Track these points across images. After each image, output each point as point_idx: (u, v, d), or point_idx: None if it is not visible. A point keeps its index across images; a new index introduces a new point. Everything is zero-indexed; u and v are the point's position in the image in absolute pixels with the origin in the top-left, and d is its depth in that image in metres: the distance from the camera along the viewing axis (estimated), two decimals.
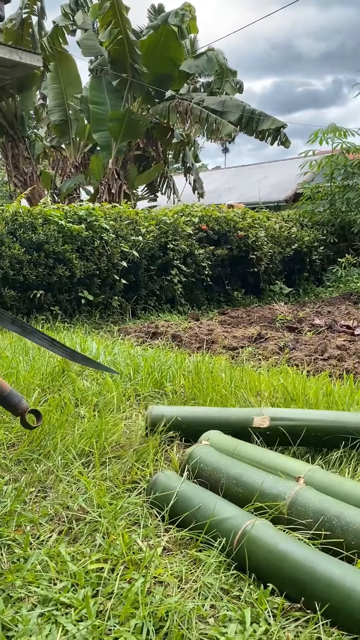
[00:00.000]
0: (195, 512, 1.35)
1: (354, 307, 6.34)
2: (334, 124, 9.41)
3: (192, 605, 1.09)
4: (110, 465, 1.66)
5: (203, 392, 2.45)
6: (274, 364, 3.40)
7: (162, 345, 4.01)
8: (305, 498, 1.37)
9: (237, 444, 1.72)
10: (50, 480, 1.61)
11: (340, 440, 1.81)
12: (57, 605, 1.09)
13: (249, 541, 1.22)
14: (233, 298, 7.52)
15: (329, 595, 1.07)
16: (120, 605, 1.09)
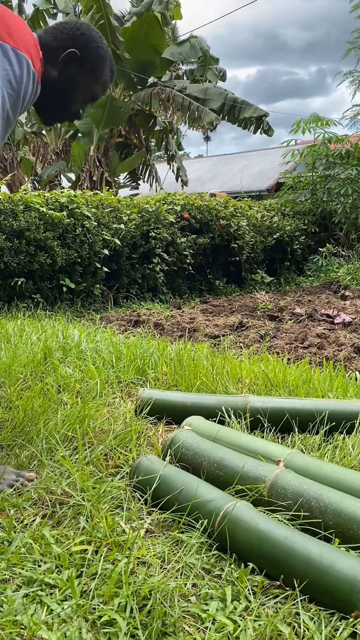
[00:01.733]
0: (177, 495, 1.38)
1: (334, 296, 6.42)
2: (316, 113, 9.46)
3: (175, 584, 1.12)
4: (94, 450, 1.68)
5: (185, 379, 2.47)
6: (255, 351, 3.44)
7: (145, 333, 4.03)
8: (285, 481, 1.40)
9: (218, 428, 1.75)
10: (33, 465, 1.62)
11: (320, 425, 1.86)
12: (41, 586, 1.10)
13: (230, 522, 1.25)
14: (215, 287, 7.55)
15: (307, 573, 1.10)
16: (104, 585, 1.11)
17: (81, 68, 1.53)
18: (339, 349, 3.61)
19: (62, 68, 1.50)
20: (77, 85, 1.55)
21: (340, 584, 1.07)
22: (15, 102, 1.33)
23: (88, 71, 1.54)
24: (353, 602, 1.04)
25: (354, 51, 11.17)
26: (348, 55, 11.34)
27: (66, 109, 1.60)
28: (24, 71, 1.33)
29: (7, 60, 1.29)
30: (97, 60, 1.54)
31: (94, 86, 1.58)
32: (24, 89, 1.34)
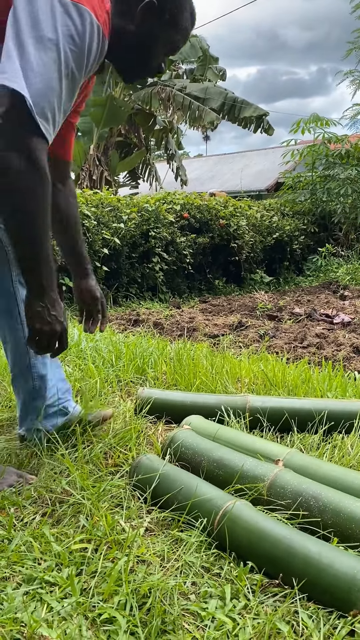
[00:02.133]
0: (177, 494, 1.38)
1: (333, 296, 6.43)
2: (316, 113, 9.46)
3: (174, 582, 1.12)
4: (93, 449, 1.68)
5: (184, 378, 2.48)
6: (254, 351, 3.45)
7: (144, 332, 4.03)
8: (284, 480, 1.41)
9: (218, 428, 1.75)
10: (33, 463, 1.63)
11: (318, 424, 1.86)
12: (41, 584, 1.11)
13: (230, 521, 1.26)
14: (214, 286, 7.56)
15: (305, 572, 1.11)
16: (104, 583, 1.11)
17: (160, 18, 1.41)
18: (338, 348, 3.62)
19: (140, 20, 1.40)
20: (157, 36, 1.44)
21: (339, 583, 1.07)
22: (79, 58, 1.22)
23: (167, 20, 1.43)
24: (352, 601, 1.05)
25: (354, 51, 11.18)
26: (349, 55, 11.35)
27: (147, 63, 1.49)
28: (86, 26, 1.21)
29: (67, 16, 1.18)
30: (176, 8, 1.42)
31: (174, 36, 1.47)
32: (87, 44, 1.22)
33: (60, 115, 1.22)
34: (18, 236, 1.26)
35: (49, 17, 1.16)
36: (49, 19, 1.16)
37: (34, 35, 1.15)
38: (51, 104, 1.17)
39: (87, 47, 1.22)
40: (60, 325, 1.38)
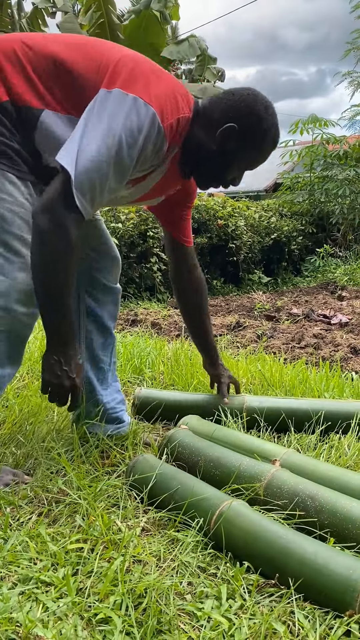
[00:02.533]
0: (173, 494, 1.38)
1: (331, 297, 6.43)
2: (315, 114, 9.46)
3: (170, 582, 1.12)
4: (90, 448, 1.68)
5: (182, 378, 2.48)
6: (252, 351, 3.45)
7: (142, 332, 4.03)
8: (280, 480, 1.40)
9: (215, 427, 1.75)
10: (30, 463, 1.63)
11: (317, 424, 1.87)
12: (37, 584, 1.11)
13: (226, 521, 1.25)
14: (212, 287, 7.56)
15: (301, 572, 1.11)
16: (100, 583, 1.11)
17: (240, 142, 1.48)
18: (335, 349, 3.62)
19: (220, 141, 1.47)
20: (235, 157, 1.51)
21: (335, 583, 1.07)
22: (131, 149, 1.32)
23: (247, 145, 1.49)
24: (347, 601, 1.05)
25: (353, 52, 11.18)
26: (347, 55, 11.36)
27: (221, 177, 1.57)
28: (148, 125, 1.32)
29: (134, 112, 1.31)
30: (257, 132, 1.47)
31: (254, 157, 1.54)
32: (143, 141, 1.33)
33: (103, 194, 1.34)
34: (41, 290, 1.36)
35: (118, 109, 1.30)
36: (118, 111, 1.30)
37: (99, 121, 1.30)
38: (93, 183, 1.30)
39: (142, 142, 1.33)
40: (70, 382, 1.42)
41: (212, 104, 1.50)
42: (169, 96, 1.38)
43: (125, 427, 1.81)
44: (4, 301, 1.35)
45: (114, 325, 1.79)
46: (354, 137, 10.21)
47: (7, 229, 1.36)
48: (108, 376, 1.80)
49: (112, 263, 1.74)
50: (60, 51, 1.39)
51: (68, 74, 1.38)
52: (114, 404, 1.80)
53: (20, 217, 1.37)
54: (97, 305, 1.73)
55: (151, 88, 1.35)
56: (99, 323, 1.75)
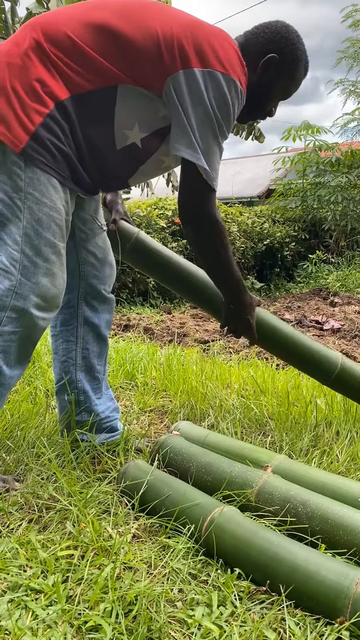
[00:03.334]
0: (164, 500, 1.38)
1: (323, 303, 6.45)
2: (307, 121, 9.53)
3: (161, 589, 1.11)
4: (81, 455, 1.67)
5: (174, 383, 2.48)
6: (244, 357, 3.45)
7: (134, 337, 4.03)
8: (272, 486, 1.40)
9: (207, 433, 1.75)
10: (20, 469, 1.61)
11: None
12: (27, 591, 1.10)
13: (217, 528, 1.25)
14: None
15: (293, 578, 1.11)
16: (90, 590, 1.10)
17: (278, 71, 1.57)
18: None
19: (262, 73, 1.56)
20: (274, 88, 1.60)
21: (326, 590, 1.07)
22: (227, 119, 1.44)
23: (285, 74, 1.59)
24: (338, 608, 1.05)
25: (344, 60, 11.28)
26: (339, 64, 11.45)
27: (262, 110, 1.65)
28: (233, 94, 1.42)
29: (219, 87, 1.40)
30: (294, 62, 1.58)
31: (290, 86, 1.63)
32: (233, 108, 1.45)
33: (219, 164, 1.50)
34: (216, 269, 1.63)
35: (205, 90, 1.39)
36: (205, 92, 1.39)
37: (195, 109, 1.40)
38: (215, 163, 1.46)
39: (233, 110, 1.45)
40: (245, 323, 1.74)
41: (249, 40, 1.57)
42: (235, 56, 1.46)
43: (118, 436, 1.81)
44: (22, 303, 1.36)
45: (108, 334, 1.80)
46: (346, 144, 10.28)
47: (42, 234, 1.37)
48: (102, 385, 1.80)
49: (110, 273, 1.76)
50: (108, 19, 1.39)
51: (123, 44, 1.38)
52: (108, 413, 1.80)
53: (56, 223, 1.39)
54: (95, 314, 1.74)
55: (221, 55, 1.41)
56: (96, 332, 1.75)
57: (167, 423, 2.14)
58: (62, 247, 1.43)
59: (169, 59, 1.38)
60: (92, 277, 1.71)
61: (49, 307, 1.42)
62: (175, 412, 2.21)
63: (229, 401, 2.30)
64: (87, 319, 1.73)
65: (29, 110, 1.32)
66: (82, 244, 1.67)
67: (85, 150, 1.43)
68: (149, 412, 2.25)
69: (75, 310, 1.72)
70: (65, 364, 1.75)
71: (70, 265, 1.66)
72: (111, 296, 1.78)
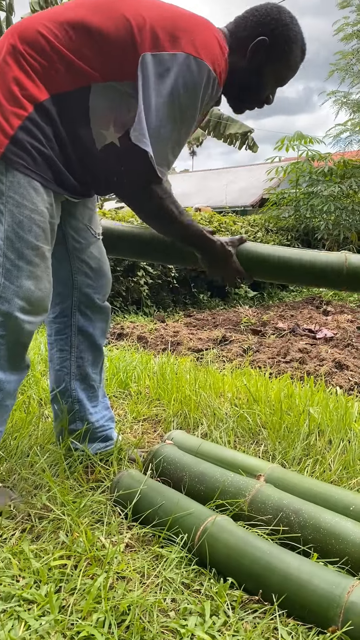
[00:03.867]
0: (158, 510, 1.38)
1: (316, 312, 6.49)
2: (300, 132, 9.62)
3: (154, 599, 1.11)
4: (74, 464, 1.67)
5: (167, 392, 2.48)
6: (237, 365, 3.46)
7: (128, 346, 4.03)
8: (265, 495, 1.41)
9: (200, 442, 1.75)
10: (13, 479, 1.61)
11: None
12: (19, 602, 1.09)
13: (210, 537, 1.25)
14: (199, 300, 7.58)
15: (285, 587, 1.11)
16: (83, 600, 1.10)
17: (270, 55, 1.48)
18: (320, 363, 3.65)
19: (251, 57, 1.48)
20: (267, 72, 1.51)
21: (318, 599, 1.08)
22: (192, 106, 1.38)
23: (277, 57, 1.50)
24: (330, 617, 1.05)
25: (337, 72, 11.42)
26: (331, 76, 11.59)
27: (256, 97, 1.57)
28: (203, 79, 1.36)
29: (187, 70, 1.34)
30: (286, 44, 1.48)
31: (285, 71, 1.54)
32: (201, 94, 1.37)
33: (178, 151, 1.44)
34: (174, 237, 1.60)
35: (172, 73, 1.34)
36: (172, 75, 1.34)
37: (157, 90, 1.34)
38: (167, 150, 1.39)
39: (200, 96, 1.38)
40: (228, 269, 1.67)
41: (238, 25, 1.51)
42: (213, 41, 1.39)
43: (112, 446, 1.81)
44: (6, 307, 1.35)
45: (104, 343, 1.80)
46: (339, 154, 10.38)
47: (23, 237, 1.35)
48: (98, 394, 1.79)
49: (105, 282, 1.75)
50: (82, 16, 1.37)
51: (97, 38, 1.36)
52: (103, 422, 1.79)
53: (38, 226, 1.37)
54: (90, 323, 1.73)
55: (195, 40, 1.35)
56: (91, 341, 1.74)
57: (161, 432, 2.14)
58: (47, 250, 1.41)
59: (141, 43, 1.35)
60: (85, 287, 1.70)
61: (35, 310, 1.40)
62: (169, 421, 2.22)
63: (222, 410, 2.31)
64: (82, 328, 1.73)
65: (7, 115, 1.31)
66: (75, 253, 1.66)
67: (71, 150, 1.41)
68: (142, 421, 2.25)
69: (69, 319, 1.72)
70: (60, 372, 1.75)
71: (63, 275, 1.66)
72: (106, 305, 1.77)
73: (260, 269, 1.73)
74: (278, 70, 1.52)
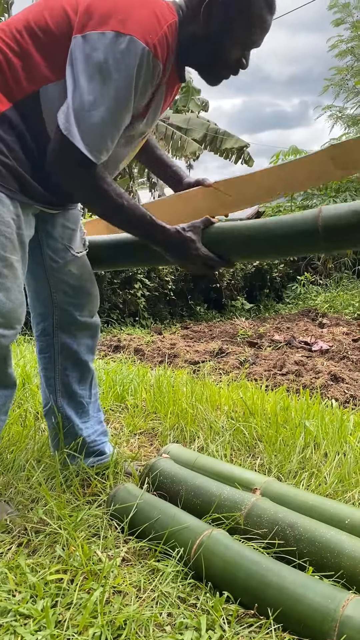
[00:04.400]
0: (154, 523, 1.38)
1: (312, 324, 6.51)
2: (295, 146, 9.75)
3: (150, 613, 1.12)
4: (71, 477, 1.68)
5: (164, 405, 2.49)
6: (234, 378, 3.47)
7: (125, 358, 4.04)
8: (260, 509, 1.42)
9: (197, 456, 1.76)
10: (10, 492, 1.62)
11: None
12: (16, 616, 1.10)
13: (206, 551, 1.26)
14: (196, 313, 7.61)
15: (280, 601, 1.12)
16: (79, 614, 1.10)
17: (226, 12, 1.35)
18: (316, 376, 3.67)
19: (206, 20, 1.36)
20: (227, 32, 1.37)
21: (313, 613, 1.08)
22: (127, 85, 1.27)
23: (235, 12, 1.35)
24: (325, 631, 1.05)
25: (331, 87, 11.57)
26: (326, 91, 11.74)
27: (224, 63, 1.42)
28: (132, 54, 1.25)
29: (115, 48, 1.25)
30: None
31: (249, 28, 1.37)
32: (135, 71, 1.27)
33: (115, 134, 1.33)
34: (117, 223, 1.47)
35: (100, 52, 1.25)
36: (100, 53, 1.25)
37: (85, 70, 1.26)
38: (102, 135, 1.30)
39: (134, 73, 1.27)
40: (194, 259, 1.49)
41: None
42: (146, 14, 1.30)
43: (106, 459, 1.80)
44: None
45: (92, 358, 1.77)
46: None
47: None
48: (89, 409, 1.78)
49: (87, 299, 1.71)
50: (31, 18, 1.34)
51: (43, 39, 1.33)
52: (95, 437, 1.79)
53: (5, 236, 1.35)
54: (74, 340, 1.71)
55: (127, 16, 1.27)
56: (75, 358, 1.72)
57: (157, 446, 2.15)
58: (16, 260, 1.38)
59: (75, 28, 1.30)
60: (66, 305, 1.67)
61: (8, 322, 1.37)
62: (165, 434, 2.22)
63: (219, 423, 2.32)
64: (65, 345, 1.70)
65: None
66: (53, 273, 1.63)
67: (38, 158, 1.38)
68: (139, 434, 2.26)
69: (52, 337, 1.70)
70: (47, 390, 1.76)
71: (43, 294, 1.66)
72: (92, 321, 1.74)
73: (231, 249, 1.52)
74: (241, 28, 1.37)
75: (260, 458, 1.98)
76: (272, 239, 1.46)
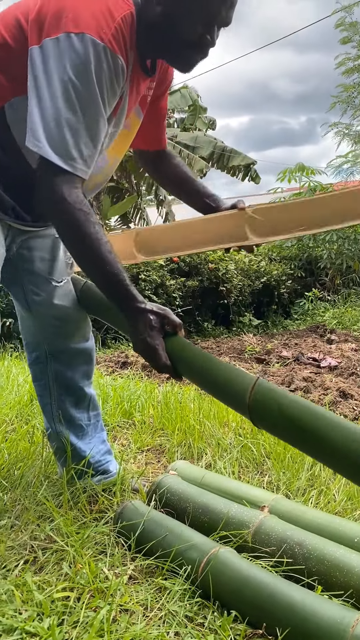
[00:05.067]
0: (161, 541, 1.37)
1: (320, 340, 6.48)
2: (302, 163, 9.79)
3: (157, 632, 1.11)
4: (78, 494, 1.67)
5: (171, 422, 2.48)
6: None
7: (132, 375, 4.04)
8: (268, 526, 1.40)
9: (204, 473, 1.75)
10: (17, 509, 1.61)
11: None
12: (22, 635, 1.09)
13: (214, 569, 1.25)
14: (203, 329, 7.60)
15: (289, 621, 1.10)
16: (86, 633, 1.09)
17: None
18: (324, 392, 3.65)
19: (158, 1, 1.28)
20: (179, 8, 1.28)
21: (322, 633, 1.07)
22: (89, 86, 1.21)
23: None
24: None
25: (338, 105, 11.67)
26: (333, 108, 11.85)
27: (187, 42, 1.32)
28: (89, 53, 1.20)
29: (71, 49, 1.19)
30: None
31: (205, 2, 1.27)
32: (95, 70, 1.21)
33: (89, 138, 1.25)
34: (79, 262, 1.33)
35: (56, 58, 1.20)
36: (56, 60, 1.20)
37: (45, 80, 1.20)
38: (74, 142, 1.22)
39: (94, 73, 1.21)
40: (142, 345, 1.31)
41: None
42: (98, 9, 1.23)
43: (113, 477, 1.79)
44: None
45: (89, 382, 1.75)
46: (341, 184, 10.53)
47: None
48: (89, 430, 1.76)
49: (75, 326, 1.66)
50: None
51: (3, 52, 1.28)
52: (99, 457, 1.77)
53: None
54: (67, 367, 1.69)
55: (77, 14, 1.21)
56: (70, 385, 1.71)
57: (164, 462, 2.14)
58: None
59: (29, 39, 1.24)
60: (54, 335, 1.65)
61: None
62: (173, 451, 2.22)
63: (226, 440, 2.31)
64: (59, 373, 1.69)
65: None
66: (37, 307, 1.61)
67: (12, 173, 1.36)
68: (146, 451, 2.25)
69: (45, 365, 1.69)
70: (45, 415, 1.76)
71: (32, 327, 1.67)
72: (85, 346, 1.70)
73: (185, 370, 1.36)
74: (196, 4, 1.27)
75: (268, 475, 1.97)
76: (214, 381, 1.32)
